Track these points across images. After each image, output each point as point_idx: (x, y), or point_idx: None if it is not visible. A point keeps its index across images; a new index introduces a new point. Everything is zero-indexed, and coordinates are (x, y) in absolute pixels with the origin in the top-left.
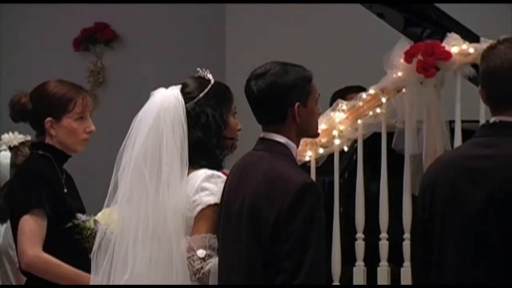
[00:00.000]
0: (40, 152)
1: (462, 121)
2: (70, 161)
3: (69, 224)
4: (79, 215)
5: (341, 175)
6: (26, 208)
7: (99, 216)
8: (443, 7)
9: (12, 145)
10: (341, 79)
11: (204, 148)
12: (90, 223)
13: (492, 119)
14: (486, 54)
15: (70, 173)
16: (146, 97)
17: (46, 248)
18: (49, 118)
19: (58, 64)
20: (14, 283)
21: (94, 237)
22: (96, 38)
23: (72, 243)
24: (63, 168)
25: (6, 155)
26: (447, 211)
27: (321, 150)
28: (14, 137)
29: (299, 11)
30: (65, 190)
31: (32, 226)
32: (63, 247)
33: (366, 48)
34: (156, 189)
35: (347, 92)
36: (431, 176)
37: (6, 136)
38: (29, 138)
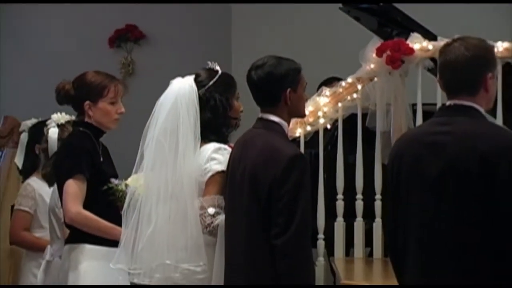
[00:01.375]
0: (81, 129)
1: (422, 104)
2: (107, 136)
3: (105, 187)
4: (113, 180)
5: (324, 148)
6: (69, 173)
7: (129, 180)
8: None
9: (59, 123)
10: (325, 71)
11: (213, 126)
12: (122, 186)
13: (448, 103)
14: (444, 50)
15: (107, 146)
16: (166, 85)
17: (86, 206)
18: (87, 102)
19: (96, 58)
20: (59, 236)
21: (124, 198)
22: (127, 37)
23: (107, 202)
24: (100, 142)
25: (55, 131)
26: (411, 177)
27: (308, 128)
28: (62, 117)
29: (294, 14)
30: (101, 159)
31: (75, 188)
32: (100, 206)
33: (345, 45)
34: (174, 159)
35: (331, 81)
36: (399, 148)
37: (55, 116)
38: (73, 117)
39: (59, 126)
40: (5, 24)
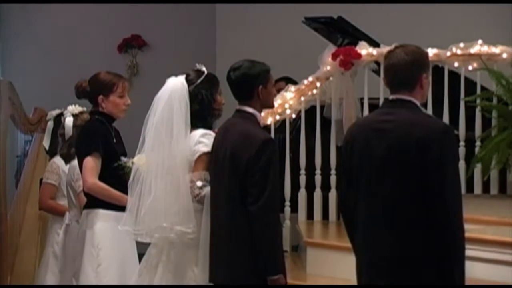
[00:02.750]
0: (97, 117)
1: (368, 98)
2: (118, 123)
3: (116, 164)
4: (123, 158)
5: (290, 133)
6: (88, 151)
7: (134, 159)
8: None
9: (74, 113)
10: (292, 71)
11: (200, 115)
12: (129, 164)
13: (390, 97)
14: (387, 55)
15: (119, 130)
16: (163, 83)
17: (101, 178)
18: (101, 96)
19: (108, 61)
20: (75, 204)
21: (130, 173)
22: (132, 44)
23: (118, 176)
24: (113, 126)
25: (70, 120)
26: (362, 156)
27: (277, 117)
28: (76, 108)
29: (267, 22)
30: (114, 141)
31: (92, 163)
32: (112, 178)
33: (307, 50)
34: (169, 142)
35: (284, 80)
36: (351, 133)
37: (70, 107)
38: (85, 109)
39: (74, 115)
40: (35, 31)
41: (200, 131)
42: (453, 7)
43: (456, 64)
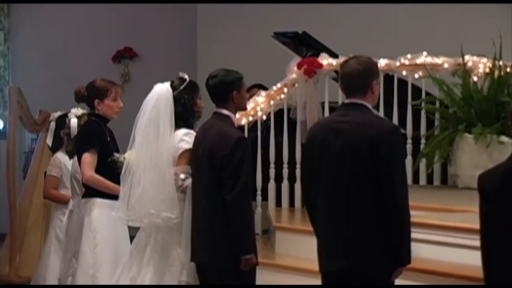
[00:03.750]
0: (93, 118)
1: (328, 102)
2: (112, 123)
3: (110, 159)
4: (115, 154)
5: (261, 132)
6: (86, 148)
7: (126, 155)
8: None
9: (77, 115)
10: (263, 79)
11: (183, 117)
12: (121, 159)
13: (346, 101)
14: (343, 65)
15: (112, 130)
16: (151, 88)
17: (97, 171)
18: (97, 100)
19: (103, 70)
20: (78, 193)
21: (122, 166)
22: (124, 55)
23: (111, 169)
24: (107, 127)
25: (75, 121)
26: (322, 152)
27: (250, 118)
28: (78, 110)
29: (242, 37)
30: (108, 139)
31: (89, 159)
32: (106, 172)
33: (276, 61)
34: (156, 140)
35: (257, 87)
36: (313, 132)
37: (73, 110)
38: (85, 111)
39: (77, 117)
40: (41, 44)
41: (182, 131)
42: (400, 22)
43: (404, 73)
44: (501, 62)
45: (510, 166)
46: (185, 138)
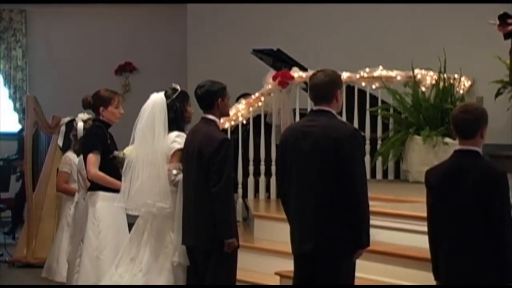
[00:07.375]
0: (97, 123)
1: (299, 109)
2: (114, 127)
3: (111, 156)
4: (115, 151)
5: (242, 134)
6: (90, 149)
7: (125, 150)
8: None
9: (83, 119)
10: (243, 89)
11: (175, 122)
12: (121, 154)
13: (314, 108)
14: (312, 77)
15: (113, 134)
16: (148, 97)
17: (100, 169)
18: (102, 107)
19: (107, 81)
20: (83, 187)
21: (123, 162)
22: (125, 69)
23: (113, 165)
24: (109, 132)
25: (81, 124)
26: (293, 152)
27: (232, 123)
28: (84, 115)
29: (228, 53)
30: (109, 142)
31: (93, 158)
32: (109, 168)
33: (255, 73)
34: (152, 141)
35: (244, 95)
36: (285, 135)
37: (80, 115)
38: (90, 116)
39: (83, 121)
40: (55, 58)
41: (175, 133)
42: (361, 39)
43: (363, 84)
44: (445, 75)
45: (451, 163)
46: (177, 139)
